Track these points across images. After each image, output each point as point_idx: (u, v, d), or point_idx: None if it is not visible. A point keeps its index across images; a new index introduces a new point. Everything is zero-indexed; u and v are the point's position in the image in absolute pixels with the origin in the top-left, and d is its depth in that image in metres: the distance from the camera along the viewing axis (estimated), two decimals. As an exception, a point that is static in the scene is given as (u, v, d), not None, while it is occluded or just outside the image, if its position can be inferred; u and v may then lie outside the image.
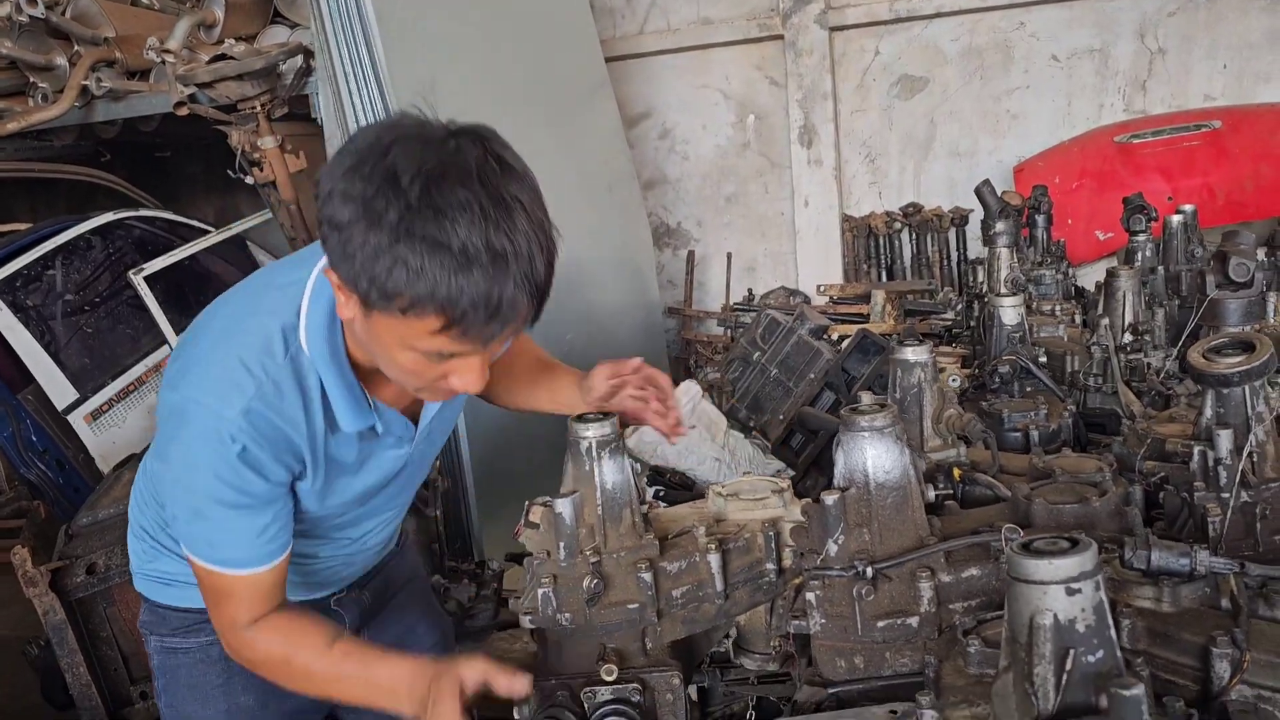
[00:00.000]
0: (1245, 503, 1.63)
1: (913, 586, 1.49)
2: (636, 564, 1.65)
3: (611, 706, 1.58)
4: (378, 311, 1.31)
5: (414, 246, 1.23)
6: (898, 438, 1.54)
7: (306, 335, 1.48)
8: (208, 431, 1.43)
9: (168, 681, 1.82)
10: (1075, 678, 0.97)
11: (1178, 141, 5.30)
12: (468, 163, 1.27)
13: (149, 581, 1.82)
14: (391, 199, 1.24)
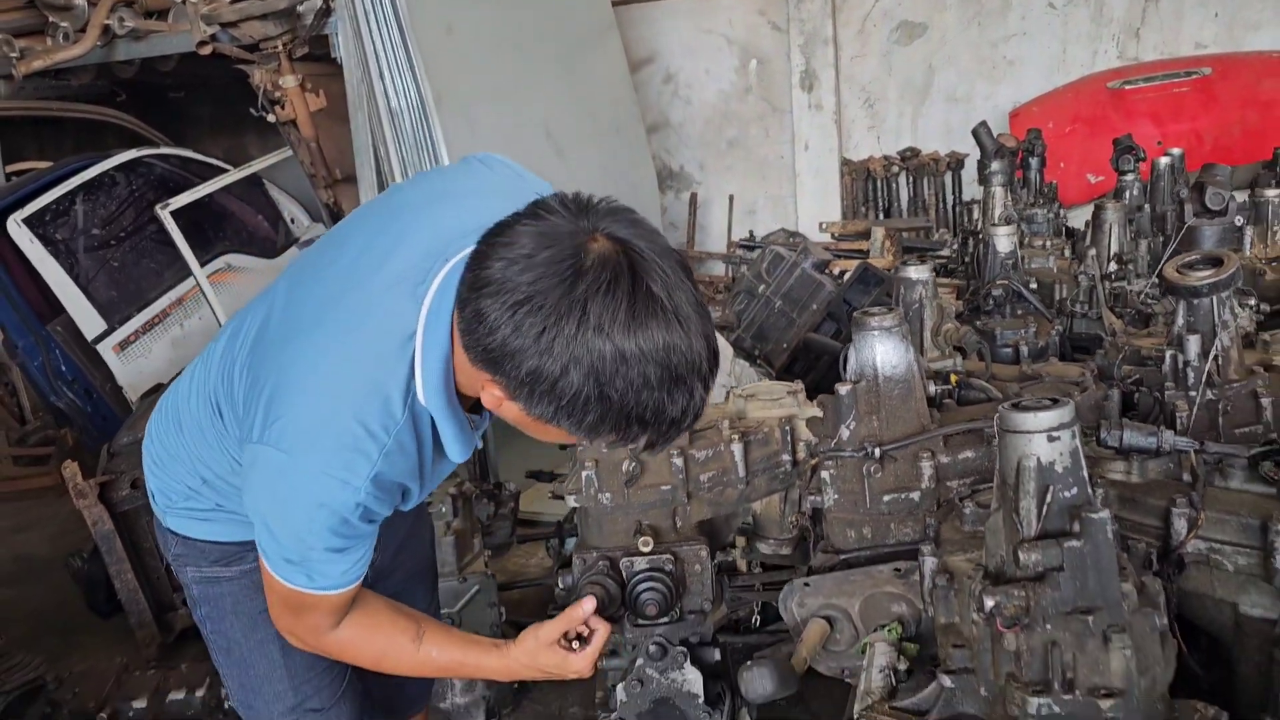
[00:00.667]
0: (1210, 400, 1.85)
1: (915, 466, 1.70)
2: (669, 451, 1.85)
3: (648, 574, 1.78)
4: (554, 428, 1.30)
5: (651, 430, 1.26)
6: (903, 336, 1.74)
7: (424, 388, 1.41)
8: (332, 500, 1.39)
9: (211, 609, 1.80)
10: (1054, 509, 1.18)
11: (1168, 88, 5.46)
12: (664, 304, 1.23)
13: (183, 518, 1.75)
14: (622, 384, 1.22)
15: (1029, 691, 1.13)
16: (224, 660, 1.83)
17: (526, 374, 1.23)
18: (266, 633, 1.72)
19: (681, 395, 1.25)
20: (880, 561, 1.68)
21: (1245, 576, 1.46)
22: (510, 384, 1.26)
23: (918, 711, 1.30)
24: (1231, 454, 1.58)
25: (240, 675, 1.82)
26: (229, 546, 1.73)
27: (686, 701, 1.87)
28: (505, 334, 1.22)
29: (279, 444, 1.39)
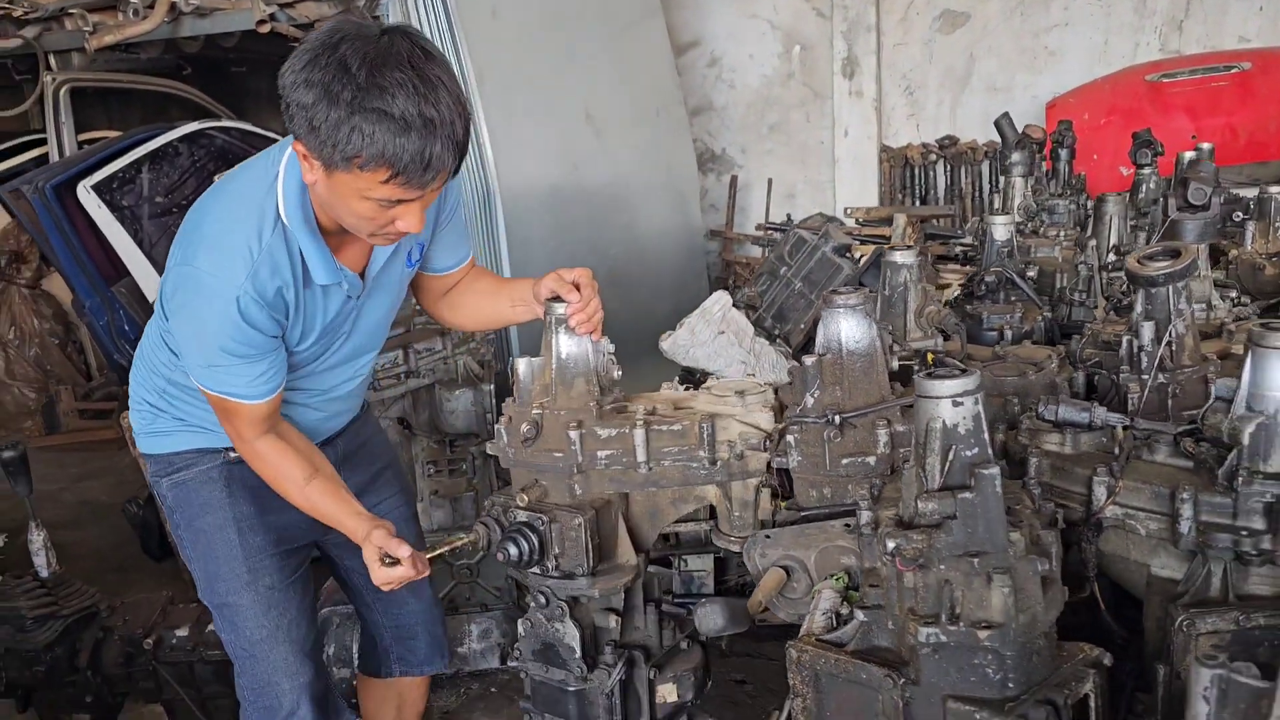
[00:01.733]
0: (1161, 383, 1.97)
1: (872, 433, 1.86)
2: (569, 423, 1.95)
3: (518, 525, 1.94)
4: (339, 171, 1.66)
5: (366, 118, 1.59)
6: (867, 314, 1.89)
7: (285, 209, 1.81)
8: (216, 297, 1.77)
9: (182, 507, 2.15)
10: (955, 465, 1.34)
11: (1206, 82, 5.47)
12: (400, 52, 1.62)
13: (152, 439, 2.14)
14: (345, 82, 1.58)
15: (922, 622, 1.30)
16: (193, 553, 2.16)
17: (297, 106, 1.61)
18: (226, 516, 2.11)
19: (415, 136, 1.60)
20: (836, 518, 1.85)
21: (1156, 540, 1.61)
22: (296, 127, 1.64)
23: (839, 643, 1.47)
24: (1159, 430, 1.72)
25: (206, 562, 2.14)
26: (188, 454, 2.11)
27: (566, 652, 2.01)
28: (287, 78, 1.63)
29: (184, 260, 1.80)
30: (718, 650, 3.38)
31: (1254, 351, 1.52)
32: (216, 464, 2.11)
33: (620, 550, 2.04)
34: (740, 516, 2.01)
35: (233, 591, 2.12)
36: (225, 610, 2.15)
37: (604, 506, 1.98)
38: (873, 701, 1.40)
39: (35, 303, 5.93)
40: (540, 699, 2.11)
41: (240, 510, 2.12)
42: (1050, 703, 1.29)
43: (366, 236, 1.83)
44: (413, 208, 1.74)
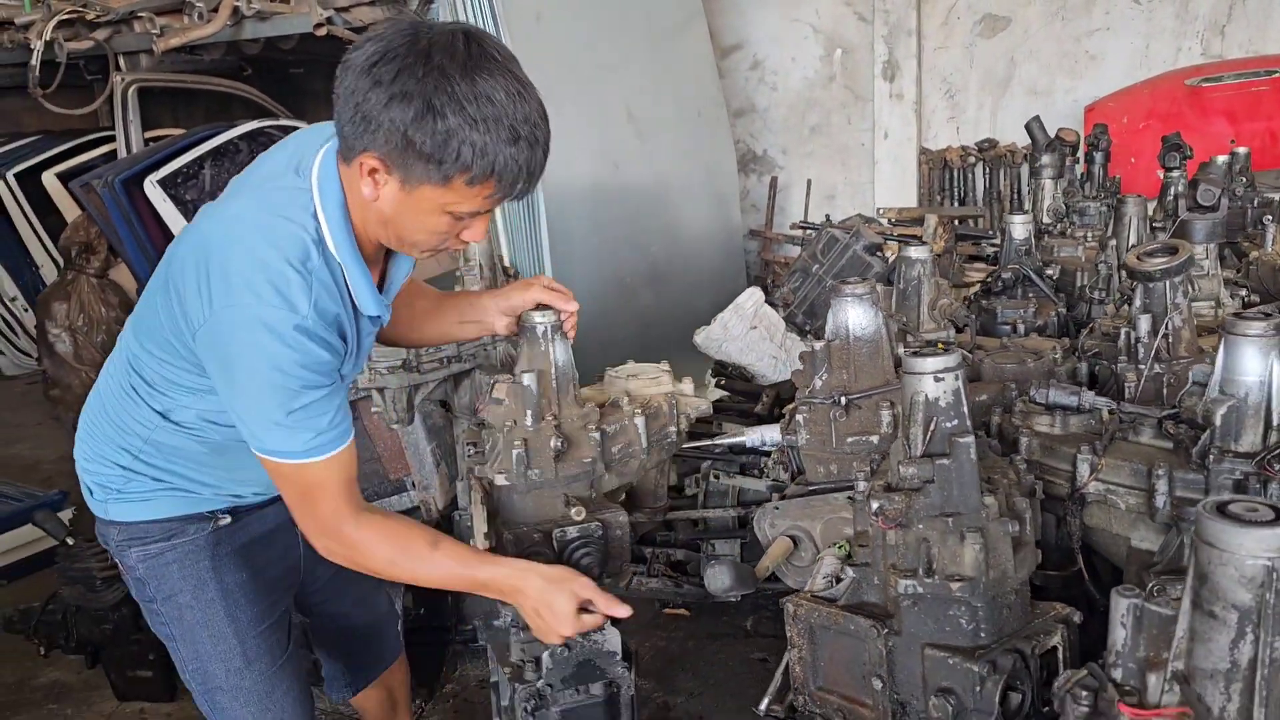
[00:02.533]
0: (1157, 373, 2.08)
1: (876, 414, 1.99)
2: (586, 426, 1.96)
3: (581, 541, 1.86)
4: (427, 185, 1.51)
5: (478, 130, 1.45)
6: (874, 304, 2.03)
7: (330, 233, 1.60)
8: (283, 327, 1.54)
9: (159, 583, 1.88)
10: (936, 435, 1.47)
11: (1246, 86, 5.49)
12: (491, 55, 1.49)
13: (126, 504, 1.86)
14: (441, 83, 1.44)
15: (902, 575, 1.43)
16: (176, 632, 1.91)
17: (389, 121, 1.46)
18: (214, 591, 1.87)
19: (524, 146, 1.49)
20: (841, 492, 1.98)
21: (1135, 514, 1.72)
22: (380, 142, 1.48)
23: (831, 600, 1.61)
24: (1143, 414, 1.83)
25: (192, 642, 1.90)
26: (169, 523, 1.85)
27: (606, 660, 1.89)
28: (364, 89, 1.46)
29: (226, 301, 1.55)
30: (743, 630, 3.53)
31: (1226, 339, 1.63)
32: (204, 533, 1.87)
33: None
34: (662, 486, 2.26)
35: (229, 675, 1.92)
36: (218, 696, 1.93)
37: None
38: (860, 651, 1.54)
39: (103, 291, 6.20)
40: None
41: (229, 582, 1.90)
42: (1018, 651, 1.41)
43: (421, 252, 1.70)
44: (484, 219, 1.63)
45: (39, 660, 3.48)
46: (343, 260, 1.63)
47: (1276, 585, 0.90)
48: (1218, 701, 0.94)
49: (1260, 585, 0.91)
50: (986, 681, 1.38)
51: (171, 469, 1.84)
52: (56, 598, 3.23)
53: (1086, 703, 1.06)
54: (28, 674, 3.49)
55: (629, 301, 5.34)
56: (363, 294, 1.67)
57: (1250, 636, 0.92)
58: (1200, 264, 2.61)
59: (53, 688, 3.43)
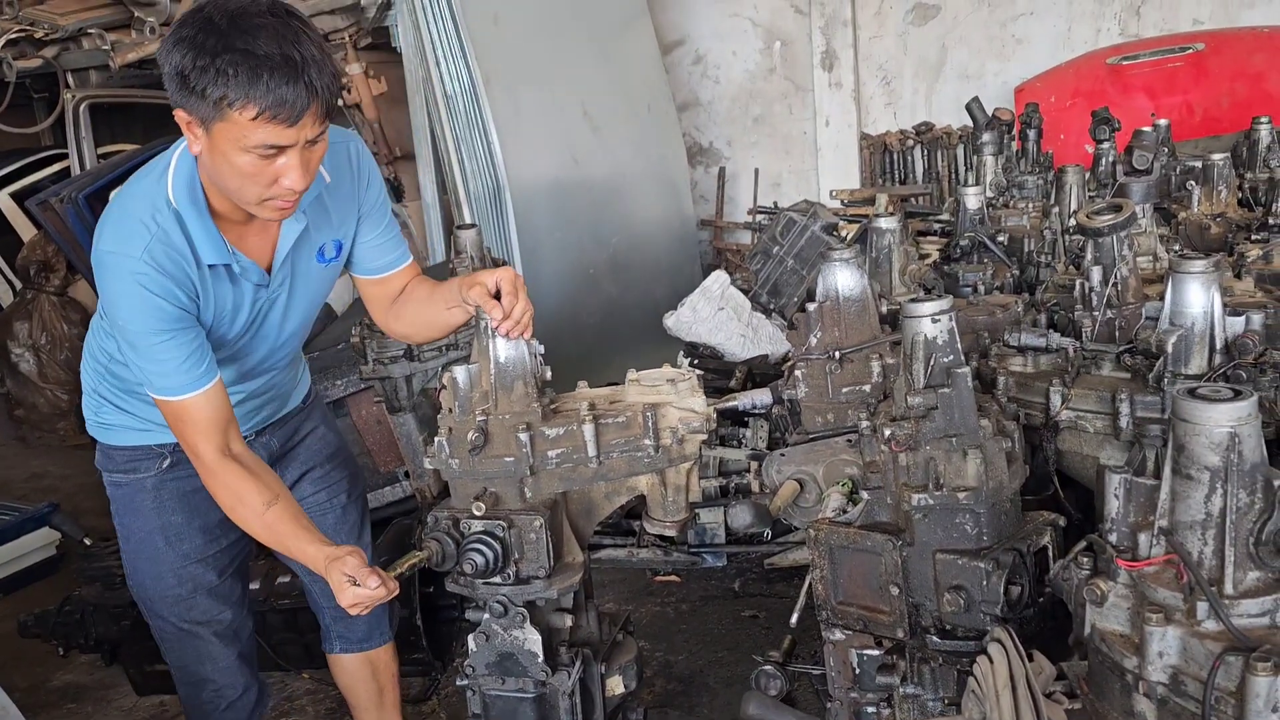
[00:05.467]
0: (1109, 318, 2.33)
1: (867, 366, 2.20)
2: (516, 426, 1.94)
3: (478, 535, 1.89)
4: (216, 124, 1.73)
5: (230, 58, 1.68)
6: (859, 266, 2.24)
7: (174, 191, 1.89)
8: (121, 272, 1.84)
9: (119, 506, 2.29)
10: (935, 369, 1.69)
11: (1163, 63, 5.85)
12: (262, 7, 1.73)
13: (98, 428, 2.26)
14: (209, 31, 1.69)
15: (914, 491, 1.65)
16: (125, 548, 2.31)
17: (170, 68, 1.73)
18: (153, 524, 2.23)
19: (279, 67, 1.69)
20: (839, 437, 2.19)
21: (1103, 436, 1.96)
22: (174, 90, 1.74)
23: (847, 523, 1.82)
24: (1104, 350, 2.07)
25: (134, 560, 2.30)
26: (127, 451, 2.22)
27: (527, 659, 1.96)
28: (165, 52, 1.75)
29: (94, 248, 1.90)
30: (731, 592, 3.75)
31: (1173, 277, 1.88)
32: (151, 474, 2.21)
33: (568, 549, 2.04)
34: (674, 501, 2.07)
35: (159, 594, 2.28)
36: (152, 605, 2.31)
37: (554, 507, 1.99)
38: (877, 564, 1.75)
39: (64, 309, 6.23)
40: (496, 714, 2.06)
41: (168, 520, 2.23)
42: (1016, 550, 1.64)
43: (256, 205, 1.86)
44: (293, 158, 1.78)
45: (51, 664, 3.57)
46: (181, 210, 1.88)
47: (1238, 448, 1.13)
48: (1197, 547, 1.16)
49: (1225, 449, 1.13)
50: (991, 576, 1.60)
51: (126, 399, 2.16)
52: (72, 598, 3.32)
53: (1087, 567, 1.28)
54: (40, 678, 3.58)
55: (594, 291, 5.53)
56: (201, 242, 1.91)
57: (1220, 491, 1.14)
58: (1139, 222, 2.87)
59: (68, 689, 3.52)
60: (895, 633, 1.75)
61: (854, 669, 1.95)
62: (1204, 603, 1.15)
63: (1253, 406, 1.15)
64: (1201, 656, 1.13)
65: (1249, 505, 1.15)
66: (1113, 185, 3.05)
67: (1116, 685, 1.24)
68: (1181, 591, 1.17)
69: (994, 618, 1.56)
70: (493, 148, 4.93)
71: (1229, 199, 3.60)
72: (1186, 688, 1.14)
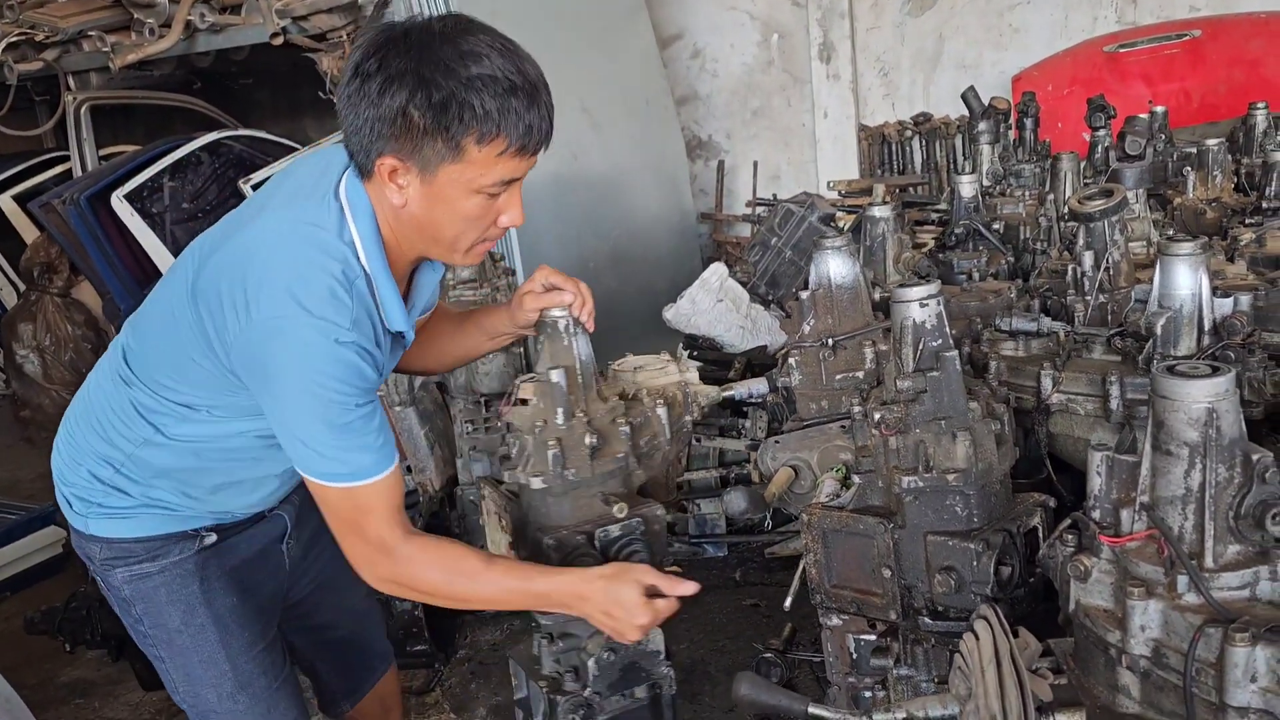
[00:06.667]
0: (1101, 302, 2.34)
1: (860, 352, 2.22)
2: (615, 421, 1.93)
3: (627, 539, 1.82)
4: (446, 165, 1.49)
5: (472, 87, 1.44)
6: (851, 254, 2.26)
7: (365, 252, 1.59)
8: (327, 340, 1.51)
9: (147, 606, 1.83)
10: (924, 353, 1.71)
11: (1160, 50, 5.85)
12: (471, 21, 1.51)
13: (107, 520, 1.80)
14: (436, 62, 1.43)
15: (904, 473, 1.67)
16: (166, 655, 1.87)
17: (387, 110, 1.46)
18: (205, 617, 1.82)
19: (522, 95, 1.48)
20: (833, 423, 2.21)
21: (1093, 418, 1.98)
22: (387, 135, 1.48)
23: (840, 507, 1.84)
24: (1094, 333, 2.09)
25: (183, 666, 1.86)
26: (153, 541, 1.79)
27: (651, 661, 1.87)
28: (358, 91, 1.47)
29: (270, 312, 1.52)
30: (732, 581, 3.76)
31: (1162, 260, 1.89)
32: (190, 554, 1.82)
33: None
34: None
35: (221, 699, 1.87)
36: (213, 719, 1.90)
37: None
38: (869, 547, 1.77)
39: (68, 310, 6.26)
40: None
41: (219, 606, 1.84)
42: (1006, 531, 1.65)
43: (464, 253, 1.65)
44: (516, 193, 1.60)
45: (59, 660, 3.61)
46: (373, 274, 1.60)
47: (1216, 423, 1.15)
48: (1177, 521, 1.18)
49: (1204, 424, 1.15)
50: (981, 557, 1.61)
51: (153, 485, 1.78)
52: (79, 594, 3.35)
53: (1072, 544, 1.30)
54: (48, 675, 3.61)
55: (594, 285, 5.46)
56: (392, 310, 1.64)
57: (1199, 466, 1.16)
58: (1132, 207, 2.89)
59: (76, 685, 3.55)
60: (888, 615, 1.77)
61: (851, 654, 1.97)
62: (1184, 576, 1.16)
63: (1230, 382, 1.17)
64: (1182, 629, 1.15)
65: (1228, 480, 1.17)
66: (1106, 171, 3.05)
67: (1101, 659, 1.26)
68: (1163, 566, 1.19)
69: (984, 598, 1.58)
70: (491, 144, 4.94)
71: (1224, 184, 3.61)
72: (1168, 660, 1.16)
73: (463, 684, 3.30)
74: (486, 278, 3.41)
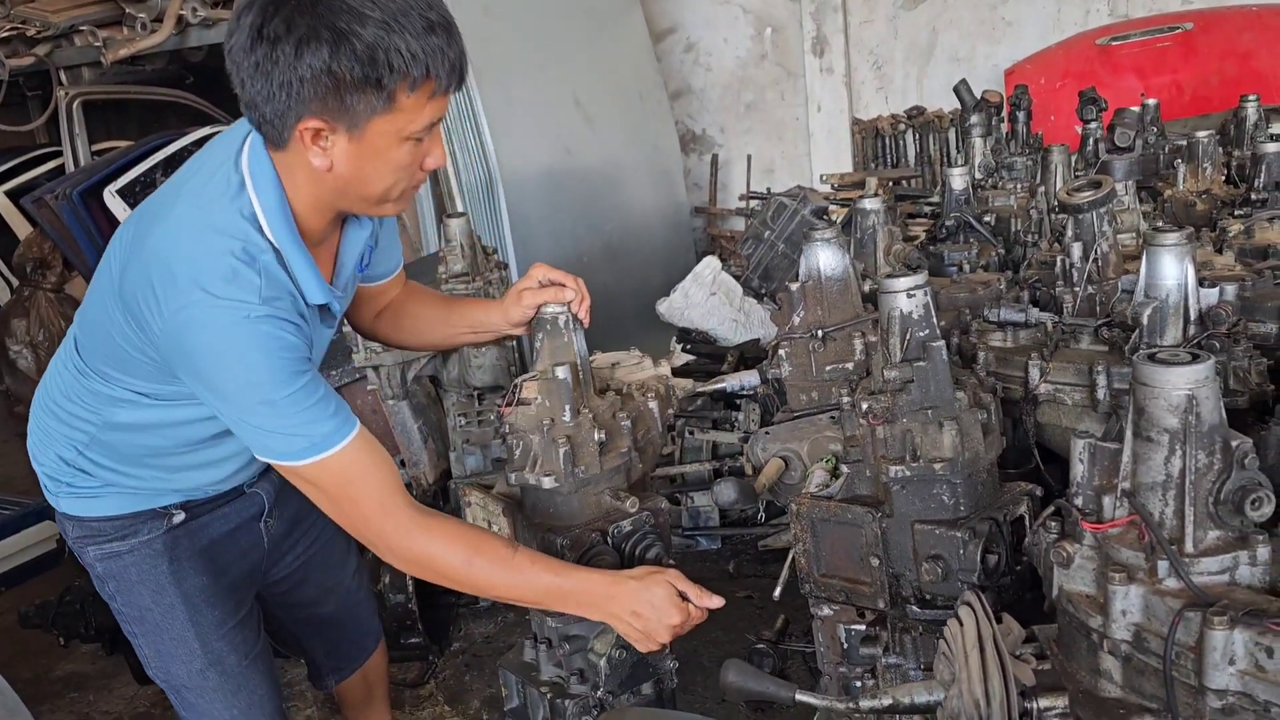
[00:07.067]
0: (1090, 294, 2.35)
1: (849, 344, 2.23)
2: (616, 416, 1.94)
3: (642, 533, 1.83)
4: (376, 117, 1.46)
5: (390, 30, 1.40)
6: (840, 245, 2.27)
7: (270, 226, 1.55)
8: (236, 321, 1.49)
9: (119, 584, 1.85)
10: (911, 343, 1.72)
11: (1152, 43, 5.86)
12: None
13: (78, 499, 1.82)
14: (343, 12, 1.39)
15: (891, 463, 1.68)
16: (138, 630, 1.90)
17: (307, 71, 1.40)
18: (174, 597, 1.84)
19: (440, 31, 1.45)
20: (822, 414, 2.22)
21: (1080, 409, 1.99)
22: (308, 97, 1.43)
23: (828, 497, 1.85)
24: (1082, 324, 2.10)
25: (154, 642, 1.89)
26: (121, 520, 1.82)
27: (656, 656, 1.86)
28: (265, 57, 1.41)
29: (179, 303, 1.50)
30: (726, 574, 3.78)
31: (1148, 250, 1.90)
32: (158, 533, 1.84)
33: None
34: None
35: (191, 676, 1.89)
36: (185, 694, 1.91)
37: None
38: (858, 536, 1.78)
39: (61, 305, 6.26)
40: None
41: (189, 586, 1.86)
42: (993, 520, 1.67)
43: (393, 202, 1.62)
44: (438, 134, 1.59)
45: (54, 654, 3.61)
46: (282, 248, 1.57)
47: (1196, 410, 1.16)
48: (1158, 507, 1.19)
49: (1184, 411, 1.16)
50: (968, 545, 1.63)
51: (117, 467, 1.79)
52: (72, 589, 3.35)
53: (1055, 530, 1.31)
54: (44, 669, 3.62)
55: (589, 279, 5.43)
56: (308, 282, 1.61)
57: (1179, 452, 1.17)
58: (1121, 199, 2.90)
59: (70, 679, 3.56)
60: (876, 603, 1.78)
61: (842, 643, 1.98)
62: (1165, 561, 1.18)
63: (1209, 370, 1.18)
64: (1163, 614, 1.16)
65: (1208, 466, 1.18)
66: (1095, 163, 3.06)
67: (1083, 644, 1.27)
68: (1144, 551, 1.20)
69: (970, 586, 1.59)
70: (484, 139, 4.95)
71: (1214, 176, 3.62)
72: (1149, 644, 1.17)
73: (457, 676, 3.31)
74: (479, 271, 3.41)
